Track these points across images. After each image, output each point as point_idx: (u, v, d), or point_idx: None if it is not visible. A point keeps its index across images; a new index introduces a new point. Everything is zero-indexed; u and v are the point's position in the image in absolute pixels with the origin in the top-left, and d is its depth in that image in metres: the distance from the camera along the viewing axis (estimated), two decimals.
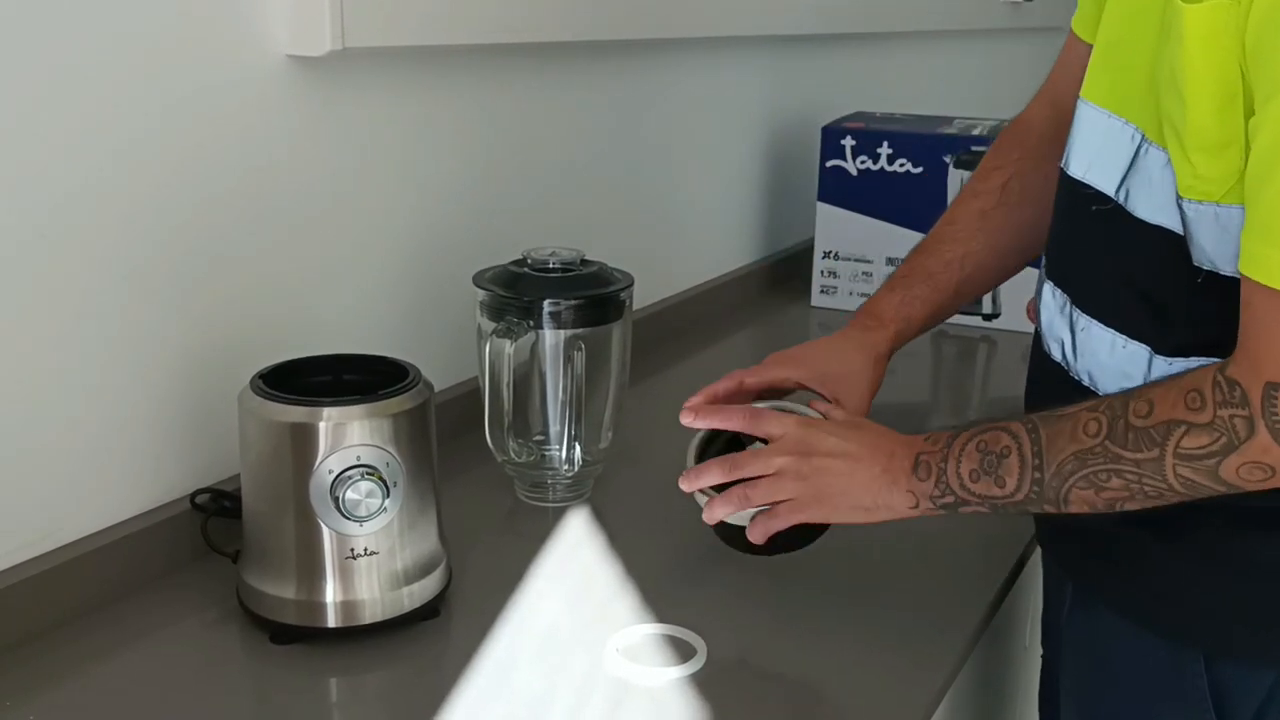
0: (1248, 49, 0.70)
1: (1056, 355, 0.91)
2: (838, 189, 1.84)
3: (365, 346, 1.05)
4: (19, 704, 0.84)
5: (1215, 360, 0.76)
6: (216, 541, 1.00)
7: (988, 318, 1.80)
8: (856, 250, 1.85)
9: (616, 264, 1.19)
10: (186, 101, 0.99)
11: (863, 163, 1.82)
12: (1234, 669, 0.84)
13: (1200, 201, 0.76)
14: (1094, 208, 0.84)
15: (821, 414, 0.96)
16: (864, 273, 1.86)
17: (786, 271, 2.03)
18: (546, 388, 1.13)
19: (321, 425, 0.88)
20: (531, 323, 1.09)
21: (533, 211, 1.43)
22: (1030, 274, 1.72)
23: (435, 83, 1.25)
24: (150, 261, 0.99)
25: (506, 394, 1.07)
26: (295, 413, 0.88)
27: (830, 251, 1.87)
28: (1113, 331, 0.85)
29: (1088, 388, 0.88)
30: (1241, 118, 0.73)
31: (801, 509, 0.90)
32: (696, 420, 0.97)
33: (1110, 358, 0.85)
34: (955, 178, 1.77)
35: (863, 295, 1.86)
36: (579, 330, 1.11)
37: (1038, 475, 0.81)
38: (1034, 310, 0.98)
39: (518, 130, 1.39)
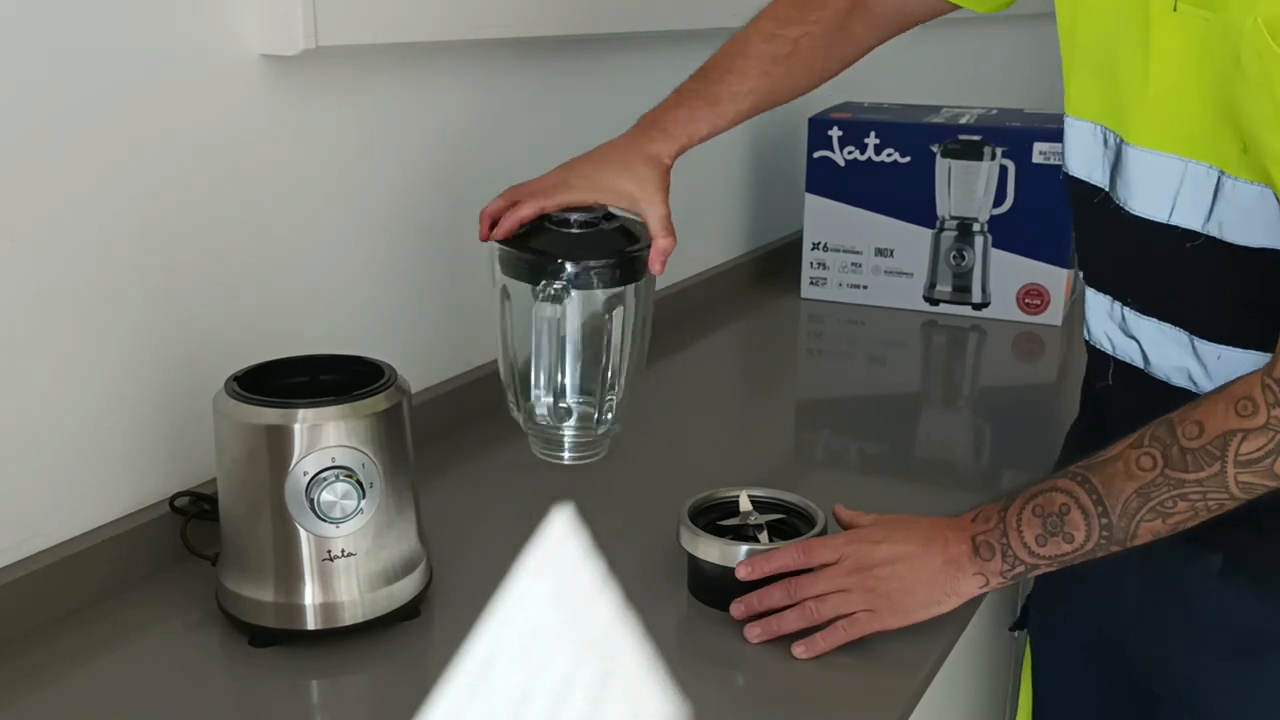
0: None
1: (1179, 382, 0.92)
2: (825, 180, 1.84)
3: (344, 347, 1.04)
4: None
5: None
6: (196, 545, 1.00)
7: (977, 306, 1.79)
8: (845, 241, 1.85)
9: None
10: (158, 103, 0.99)
11: (850, 153, 1.81)
12: None
13: None
14: (1188, 245, 0.86)
15: (850, 520, 1.00)
16: (853, 264, 1.85)
17: (776, 263, 2.02)
18: (582, 348, 1.09)
19: (296, 427, 0.87)
20: (569, 283, 1.04)
21: None
22: (1016, 263, 1.74)
23: (411, 80, 1.25)
24: (124, 264, 0.98)
25: (549, 358, 1.03)
26: (269, 415, 0.88)
27: (819, 243, 1.86)
28: (1240, 350, 0.88)
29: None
30: None
31: (879, 620, 0.91)
32: (753, 571, 0.94)
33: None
34: (943, 167, 1.76)
35: (853, 286, 1.87)
36: (615, 289, 1.07)
37: (1105, 521, 0.85)
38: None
39: (496, 127, 1.38)
